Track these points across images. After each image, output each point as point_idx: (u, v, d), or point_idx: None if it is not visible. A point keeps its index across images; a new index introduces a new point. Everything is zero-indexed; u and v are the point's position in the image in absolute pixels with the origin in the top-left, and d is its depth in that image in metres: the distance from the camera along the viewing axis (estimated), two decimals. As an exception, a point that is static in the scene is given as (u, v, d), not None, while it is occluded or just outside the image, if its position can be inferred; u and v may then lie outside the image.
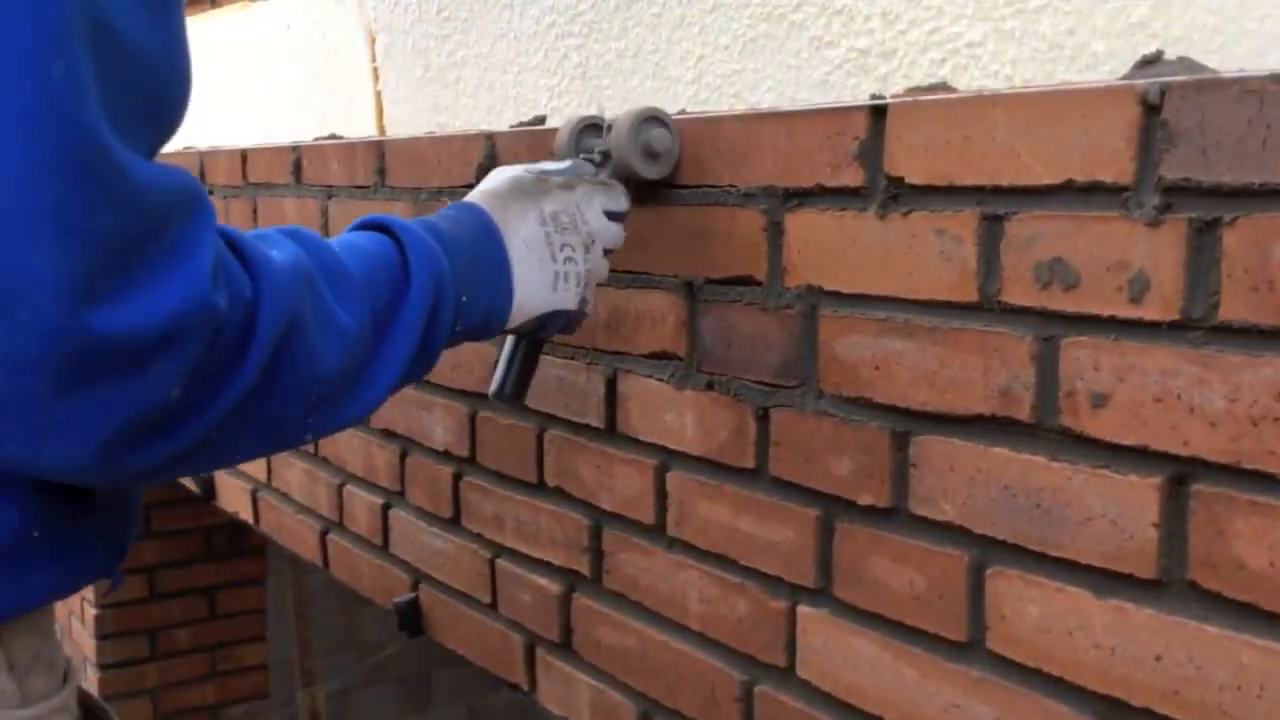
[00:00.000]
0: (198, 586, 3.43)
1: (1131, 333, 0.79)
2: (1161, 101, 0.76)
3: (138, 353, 0.69)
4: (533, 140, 1.35)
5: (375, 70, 2.08)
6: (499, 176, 1.07)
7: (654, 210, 1.18)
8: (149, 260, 0.69)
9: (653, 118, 1.13)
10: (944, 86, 1.02)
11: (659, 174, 1.14)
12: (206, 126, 2.91)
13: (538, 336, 1.11)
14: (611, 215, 1.09)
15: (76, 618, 3.42)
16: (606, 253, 1.10)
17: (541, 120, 1.51)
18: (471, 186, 1.46)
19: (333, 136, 2.04)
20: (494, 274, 1.01)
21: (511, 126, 1.50)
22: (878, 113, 0.95)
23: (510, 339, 1.13)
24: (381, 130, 2.12)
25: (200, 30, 2.90)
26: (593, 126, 1.19)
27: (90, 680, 3.33)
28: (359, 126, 2.18)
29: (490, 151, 1.42)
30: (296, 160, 1.90)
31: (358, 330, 0.87)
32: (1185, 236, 0.76)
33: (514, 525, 1.45)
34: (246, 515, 2.25)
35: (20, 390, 0.68)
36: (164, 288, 0.69)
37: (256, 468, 2.14)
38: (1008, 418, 0.87)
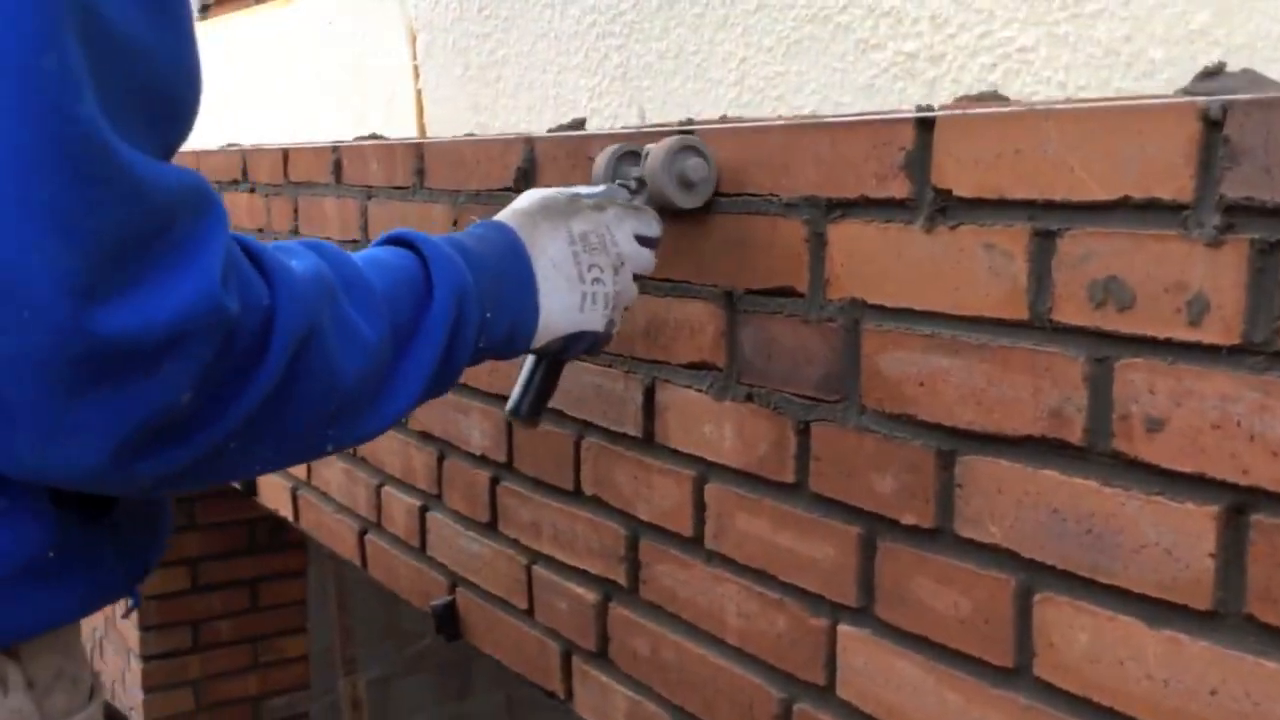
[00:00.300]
0: (240, 579, 3.46)
1: (1190, 356, 0.76)
2: (1224, 117, 0.73)
3: (145, 354, 0.68)
4: (571, 146, 1.33)
5: (416, 68, 2.07)
6: (530, 196, 1.06)
7: (694, 218, 1.16)
8: (155, 259, 0.67)
9: (689, 147, 1.11)
10: (994, 95, 0.99)
11: (694, 203, 1.12)
12: (249, 121, 2.92)
13: (562, 357, 1.10)
14: (643, 240, 1.08)
15: (120, 608, 3.45)
16: (636, 278, 1.09)
17: (581, 124, 1.50)
18: (510, 190, 1.45)
19: (373, 136, 2.04)
20: (520, 292, 0.99)
21: (550, 130, 1.49)
22: (925, 123, 0.92)
23: (530, 358, 1.12)
24: (422, 129, 2.11)
25: (244, 25, 2.91)
26: (630, 154, 1.17)
27: (134, 671, 3.37)
28: (400, 124, 2.18)
29: (529, 155, 1.41)
30: (336, 160, 1.90)
31: (379, 342, 0.86)
32: (1247, 258, 0.73)
33: (551, 532, 1.44)
34: (286, 512, 2.25)
35: (29, 393, 0.66)
36: (171, 287, 0.68)
37: (296, 466, 2.14)
38: (1058, 440, 0.84)
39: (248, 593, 3.48)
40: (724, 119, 1.25)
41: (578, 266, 1.02)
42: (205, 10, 3.35)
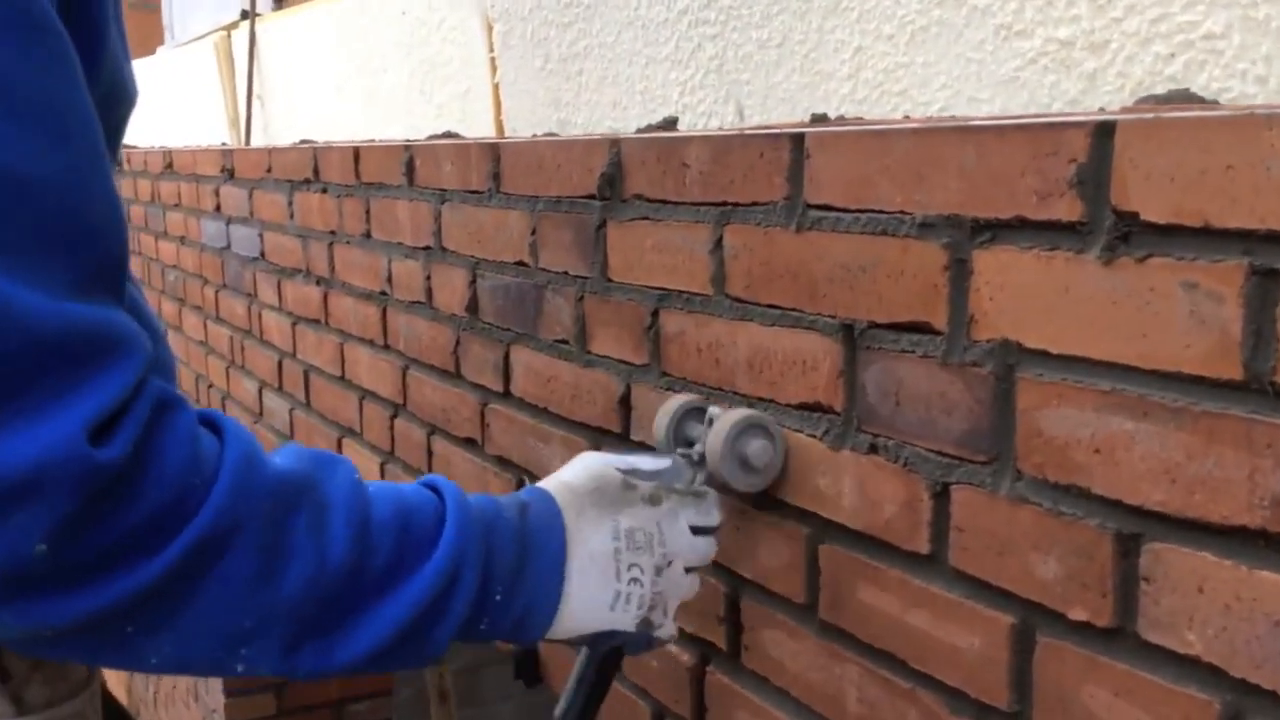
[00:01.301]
0: (320, 582, 3.37)
1: None
2: None
3: None
4: (662, 149, 1.17)
5: (493, 60, 1.93)
6: (585, 469, 0.97)
7: (806, 238, 1.00)
8: (17, 404, 0.66)
9: (755, 425, 1.01)
10: (1186, 95, 0.81)
11: (756, 487, 1.03)
12: (324, 115, 2.81)
13: (601, 651, 1.00)
14: (700, 529, 0.98)
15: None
16: (691, 570, 0.98)
17: (673, 123, 1.34)
18: (593, 198, 1.30)
19: (448, 135, 1.90)
20: (544, 580, 0.91)
21: (639, 130, 1.33)
22: (1104, 128, 0.75)
23: (582, 655, 1.01)
24: (499, 126, 1.97)
25: (319, 16, 2.80)
26: (696, 410, 1.08)
27: (215, 676, 3.31)
28: (476, 120, 2.04)
29: (615, 159, 1.25)
30: (409, 160, 1.76)
31: (338, 572, 0.79)
32: None
33: (640, 581, 1.28)
34: (361, 530, 2.14)
35: None
36: (28, 433, 0.66)
37: (372, 476, 2.02)
38: (1283, 534, 0.67)
39: (329, 597, 3.40)
40: (840, 119, 1.08)
41: (617, 563, 0.94)
42: (280, 1, 3.26)
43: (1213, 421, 0.70)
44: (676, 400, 1.09)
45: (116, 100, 0.79)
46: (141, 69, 5.13)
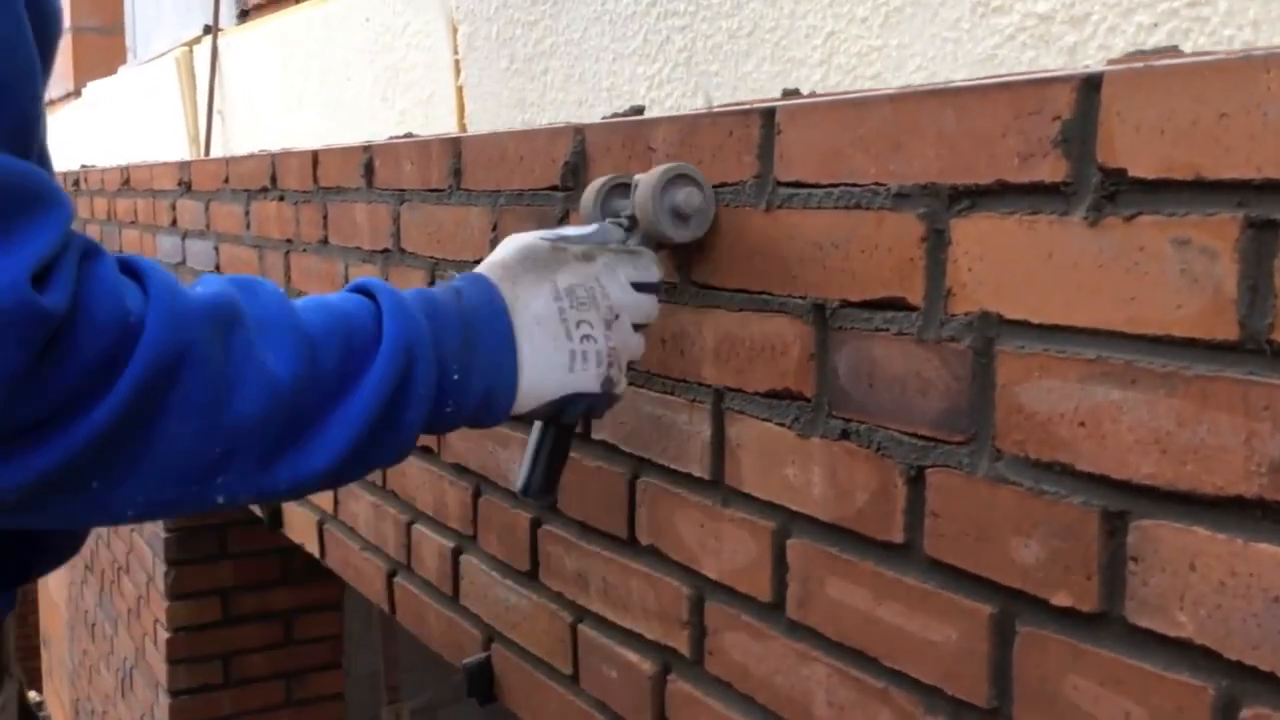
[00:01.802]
0: (274, 611, 3.28)
1: None
2: None
3: None
4: (627, 134, 1.13)
5: (457, 63, 1.89)
6: (511, 245, 0.96)
7: (776, 216, 0.96)
8: None
9: (681, 175, 0.99)
10: (1176, 51, 0.78)
11: (691, 237, 1.00)
12: (284, 126, 2.76)
13: (562, 421, 0.98)
14: (641, 286, 0.97)
15: (150, 639, 3.30)
16: (638, 327, 0.97)
17: (640, 111, 1.30)
18: (556, 189, 1.25)
19: (408, 136, 1.86)
20: (497, 352, 0.91)
21: (604, 118, 1.29)
22: (1090, 82, 0.71)
23: (536, 426, 1.00)
24: (463, 129, 1.93)
25: (283, 28, 2.75)
26: (621, 185, 1.05)
27: (162, 707, 3.21)
28: (438, 124, 2.00)
29: (579, 147, 1.21)
30: (368, 161, 1.71)
31: (292, 383, 0.78)
32: None
33: (600, 586, 1.23)
34: (313, 548, 2.07)
35: None
36: None
37: (323, 496, 1.96)
38: (1282, 503, 0.63)
39: (282, 625, 3.31)
40: (813, 94, 1.04)
41: (565, 323, 0.93)
42: (245, 15, 3.22)
43: (1206, 385, 0.66)
44: (601, 178, 1.07)
45: (37, 12, 0.76)
46: (102, 89, 5.06)
